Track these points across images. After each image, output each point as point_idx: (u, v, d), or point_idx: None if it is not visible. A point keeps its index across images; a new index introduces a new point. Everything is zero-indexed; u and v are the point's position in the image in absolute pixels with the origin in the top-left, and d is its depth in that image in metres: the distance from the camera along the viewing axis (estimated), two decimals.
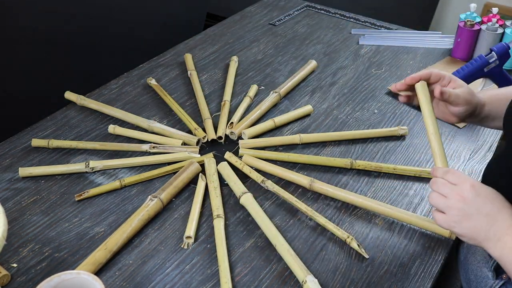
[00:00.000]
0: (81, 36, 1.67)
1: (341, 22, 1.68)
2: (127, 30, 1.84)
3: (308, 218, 0.93)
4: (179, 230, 0.90)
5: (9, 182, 0.98)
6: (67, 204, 0.94)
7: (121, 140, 1.11)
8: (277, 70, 1.39)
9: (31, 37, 1.51)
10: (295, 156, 1.05)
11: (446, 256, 0.87)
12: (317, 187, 0.97)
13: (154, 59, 1.42)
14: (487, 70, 1.20)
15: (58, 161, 1.04)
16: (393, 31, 1.63)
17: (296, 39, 1.56)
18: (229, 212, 0.94)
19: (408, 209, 0.95)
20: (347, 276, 0.82)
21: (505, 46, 1.20)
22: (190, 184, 0.99)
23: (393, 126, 1.18)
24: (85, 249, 0.85)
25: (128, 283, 0.80)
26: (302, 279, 0.78)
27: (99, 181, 0.99)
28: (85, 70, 1.71)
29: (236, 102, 1.25)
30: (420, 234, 0.90)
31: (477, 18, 1.44)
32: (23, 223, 0.90)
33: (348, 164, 1.03)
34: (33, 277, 0.80)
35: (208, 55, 1.45)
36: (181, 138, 1.09)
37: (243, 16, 1.70)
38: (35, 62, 1.57)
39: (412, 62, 1.45)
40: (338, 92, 1.30)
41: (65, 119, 1.16)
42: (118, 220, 0.91)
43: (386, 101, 1.28)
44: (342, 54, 1.49)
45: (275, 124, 1.15)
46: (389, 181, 1.02)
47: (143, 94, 1.27)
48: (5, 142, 1.08)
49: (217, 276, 0.81)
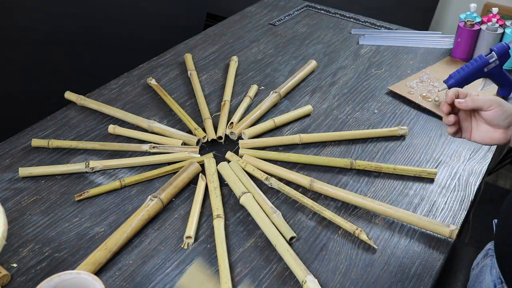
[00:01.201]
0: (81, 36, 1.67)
1: (341, 22, 1.68)
2: (127, 30, 1.84)
3: (308, 218, 0.93)
4: (179, 230, 0.90)
5: (9, 182, 0.98)
6: (67, 204, 0.94)
7: (121, 140, 1.11)
8: (277, 70, 1.39)
9: (31, 37, 1.51)
10: (295, 156, 1.05)
11: (446, 256, 0.87)
12: (317, 187, 0.97)
13: (154, 59, 1.42)
14: (487, 70, 1.20)
15: (58, 161, 1.04)
16: (393, 31, 1.63)
17: (296, 39, 1.56)
18: (229, 212, 0.94)
19: (408, 209, 0.95)
20: (347, 276, 0.82)
21: (505, 46, 1.20)
22: (190, 184, 0.99)
23: (393, 126, 1.18)
24: (85, 249, 0.85)
25: (128, 283, 0.80)
26: (302, 279, 0.78)
27: (99, 181, 0.99)
28: (85, 70, 1.71)
29: (236, 102, 1.25)
30: (420, 234, 0.90)
31: (477, 18, 1.44)
32: (23, 223, 0.90)
33: (348, 164, 1.03)
34: (33, 277, 0.80)
35: (208, 55, 1.45)
36: (181, 138, 1.09)
37: (243, 16, 1.70)
38: (35, 62, 1.57)
39: (412, 62, 1.45)
40: (338, 92, 1.30)
41: (65, 119, 1.16)
42: (118, 220, 0.91)
43: (386, 101, 1.28)
44: (342, 54, 1.49)
45: (275, 124, 1.16)
46: (389, 181, 1.02)
47: (143, 94, 1.27)
48: (5, 142, 1.08)
49: (217, 276, 0.81)
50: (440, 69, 1.40)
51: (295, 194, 0.96)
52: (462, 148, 1.12)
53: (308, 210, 0.94)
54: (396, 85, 1.32)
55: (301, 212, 0.94)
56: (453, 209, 0.97)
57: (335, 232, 0.90)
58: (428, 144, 1.13)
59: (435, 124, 1.20)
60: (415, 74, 1.38)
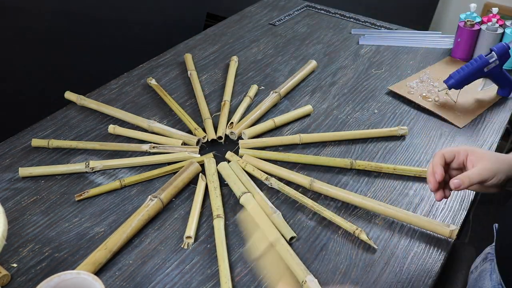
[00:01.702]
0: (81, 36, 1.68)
1: (341, 22, 1.68)
2: (127, 30, 1.85)
3: (308, 218, 0.93)
4: (179, 230, 0.90)
5: (9, 182, 0.98)
6: (67, 204, 0.94)
7: (121, 140, 1.11)
8: (277, 70, 1.39)
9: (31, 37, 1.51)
10: (295, 156, 1.05)
11: (446, 256, 0.87)
12: (317, 187, 0.97)
13: (154, 59, 1.42)
14: (487, 70, 1.20)
15: (58, 161, 1.04)
16: (393, 31, 1.63)
17: (296, 39, 1.56)
18: (229, 212, 0.94)
19: (408, 209, 0.95)
20: (347, 276, 0.82)
21: (505, 46, 1.20)
22: (190, 184, 0.99)
23: (393, 126, 1.18)
24: (85, 249, 0.85)
25: (128, 283, 0.80)
26: (302, 279, 0.78)
27: (99, 181, 0.99)
28: (85, 70, 1.71)
29: (236, 102, 1.25)
30: (420, 234, 0.90)
31: (477, 18, 1.44)
32: (23, 223, 0.90)
33: (348, 164, 1.03)
34: (33, 277, 0.80)
35: (208, 55, 1.45)
36: (181, 138, 1.09)
37: (243, 16, 1.70)
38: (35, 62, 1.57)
39: (412, 62, 1.45)
40: (338, 92, 1.30)
41: (65, 119, 1.16)
42: (118, 220, 0.91)
43: (386, 101, 1.28)
44: (342, 54, 1.49)
45: (275, 124, 1.15)
46: (389, 181, 1.02)
47: (143, 94, 1.27)
48: (5, 142, 1.08)
49: (217, 276, 0.81)
50: (440, 69, 1.40)
51: (295, 194, 0.96)
52: None
53: (308, 210, 0.94)
54: (396, 85, 1.32)
55: (301, 212, 0.94)
56: (453, 209, 0.97)
57: (335, 232, 0.90)
58: (428, 144, 1.13)
59: (435, 124, 1.20)
60: (415, 74, 1.38)
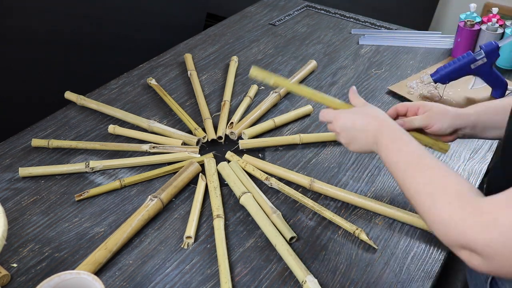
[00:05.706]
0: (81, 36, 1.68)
1: (341, 22, 1.68)
2: (127, 30, 1.85)
3: (308, 218, 0.93)
4: (179, 230, 0.90)
5: (9, 182, 0.98)
6: (67, 204, 0.94)
7: (121, 140, 1.11)
8: (277, 70, 1.39)
9: (31, 37, 1.52)
10: None
11: (446, 256, 0.87)
12: (317, 187, 0.97)
13: (154, 59, 1.42)
14: (474, 67, 1.20)
15: (58, 161, 1.04)
16: (393, 31, 1.63)
17: (296, 39, 1.56)
18: (229, 212, 0.94)
19: (408, 209, 0.95)
20: (347, 276, 0.82)
21: (493, 44, 1.19)
22: (190, 184, 0.99)
23: None
24: (85, 249, 0.85)
25: (128, 283, 0.80)
26: (302, 279, 0.78)
27: (99, 181, 0.99)
28: (85, 70, 1.71)
29: (236, 102, 1.25)
30: (420, 234, 0.90)
31: (477, 18, 1.44)
32: (23, 223, 0.90)
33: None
34: (33, 277, 0.80)
35: (208, 55, 1.45)
36: (181, 138, 1.09)
37: (243, 16, 1.70)
38: (35, 62, 1.57)
39: (412, 62, 1.45)
40: (338, 92, 1.30)
41: (65, 119, 1.16)
42: (118, 220, 0.91)
43: (386, 101, 1.28)
44: (342, 54, 1.49)
45: (275, 124, 1.16)
46: (389, 181, 1.02)
47: (143, 94, 1.27)
48: (5, 142, 1.08)
49: (217, 276, 0.81)
50: None
51: (295, 194, 0.96)
52: (462, 148, 1.12)
53: (308, 210, 0.94)
54: (396, 85, 1.32)
55: (301, 212, 0.94)
56: None
57: (335, 232, 0.90)
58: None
59: None
60: (415, 74, 1.38)
